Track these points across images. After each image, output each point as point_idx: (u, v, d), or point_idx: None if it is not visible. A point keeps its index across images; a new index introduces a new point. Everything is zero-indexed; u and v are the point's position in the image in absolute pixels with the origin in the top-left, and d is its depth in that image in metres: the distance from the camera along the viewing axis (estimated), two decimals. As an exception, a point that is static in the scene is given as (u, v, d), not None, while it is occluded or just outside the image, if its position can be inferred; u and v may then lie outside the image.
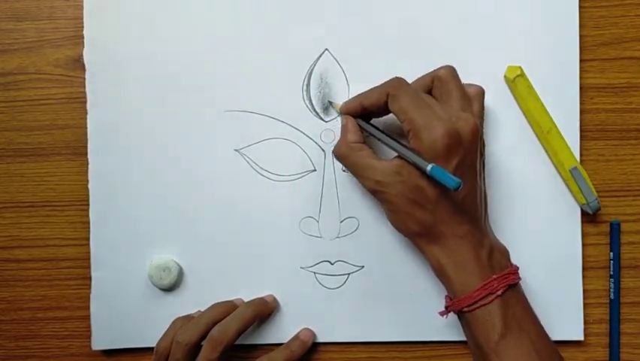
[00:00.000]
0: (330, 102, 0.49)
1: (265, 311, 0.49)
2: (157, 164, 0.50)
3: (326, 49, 0.49)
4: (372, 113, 0.46)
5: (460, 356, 0.50)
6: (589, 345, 0.50)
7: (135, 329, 0.50)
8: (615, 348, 0.49)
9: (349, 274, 0.50)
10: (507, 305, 0.42)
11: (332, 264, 0.49)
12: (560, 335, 0.48)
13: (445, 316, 0.45)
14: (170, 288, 0.50)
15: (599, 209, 0.48)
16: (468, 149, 0.42)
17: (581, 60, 0.49)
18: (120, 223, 0.50)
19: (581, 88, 0.49)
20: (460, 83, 0.44)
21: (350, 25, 0.49)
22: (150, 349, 0.48)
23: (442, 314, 0.45)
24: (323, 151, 0.49)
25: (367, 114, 0.46)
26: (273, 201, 0.49)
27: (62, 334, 0.51)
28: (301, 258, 0.50)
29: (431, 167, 0.40)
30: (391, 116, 0.44)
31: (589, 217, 0.49)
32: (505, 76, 0.49)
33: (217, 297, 0.49)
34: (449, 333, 0.49)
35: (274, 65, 0.49)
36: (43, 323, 0.51)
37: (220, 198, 0.49)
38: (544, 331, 0.43)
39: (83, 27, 0.49)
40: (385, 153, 0.48)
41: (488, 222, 0.46)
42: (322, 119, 0.49)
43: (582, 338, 0.49)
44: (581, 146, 0.49)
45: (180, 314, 0.49)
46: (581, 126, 0.49)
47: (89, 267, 0.50)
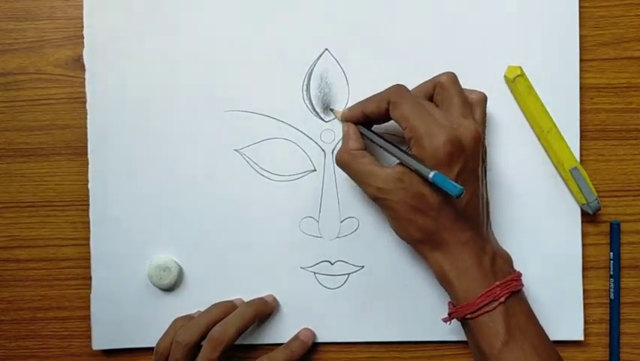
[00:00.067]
0: (331, 109, 0.49)
1: (265, 311, 0.49)
2: (157, 164, 0.50)
3: (326, 49, 0.49)
4: (373, 120, 0.46)
5: (460, 356, 0.50)
6: (589, 345, 0.50)
7: (135, 329, 0.50)
8: (615, 348, 0.49)
9: (349, 274, 0.50)
10: (510, 312, 0.42)
11: (332, 264, 0.49)
12: (560, 335, 0.49)
13: (448, 323, 0.45)
14: (170, 288, 0.50)
15: (599, 209, 0.48)
16: (469, 156, 0.42)
17: (581, 60, 0.49)
18: (120, 223, 0.50)
19: (581, 88, 0.49)
20: (462, 90, 0.44)
21: (350, 25, 0.49)
22: (150, 349, 0.48)
23: (446, 321, 0.45)
24: (323, 151, 0.49)
25: (368, 121, 0.46)
26: (273, 201, 0.49)
27: (62, 334, 0.51)
28: (301, 258, 0.50)
29: (433, 174, 0.40)
30: (392, 122, 0.44)
31: (589, 217, 0.49)
32: (505, 76, 0.49)
33: (217, 297, 0.49)
34: (449, 333, 0.49)
35: (274, 65, 0.49)
36: (43, 323, 0.51)
37: (220, 198, 0.49)
38: (546, 337, 0.43)
39: (83, 27, 0.49)
40: (387, 160, 0.48)
41: (491, 228, 0.46)
42: (322, 119, 0.49)
43: (582, 338, 0.49)
44: (581, 146, 0.49)
45: (180, 314, 0.49)
46: (581, 126, 0.49)
47: (89, 267, 0.50)
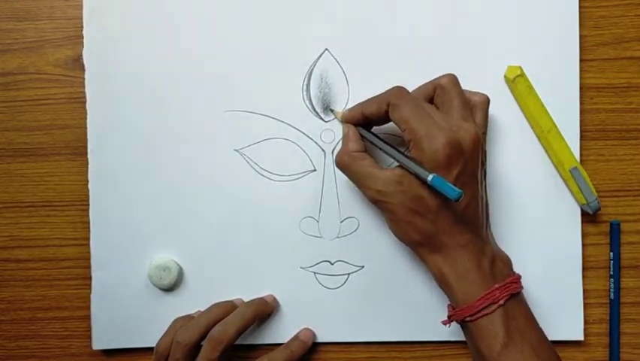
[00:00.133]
0: (331, 109, 0.49)
1: (265, 311, 0.49)
2: (157, 164, 0.50)
3: (326, 49, 0.49)
4: (372, 122, 0.46)
5: (460, 356, 0.50)
6: (589, 345, 0.50)
7: (135, 329, 0.50)
8: (615, 348, 0.49)
9: (349, 274, 0.49)
10: (509, 315, 0.42)
11: (332, 264, 0.49)
12: (560, 335, 0.49)
13: (448, 325, 0.45)
14: (170, 288, 0.50)
15: (599, 209, 0.48)
16: (469, 159, 0.42)
17: (581, 60, 0.49)
18: (120, 223, 0.50)
19: (581, 88, 0.49)
20: (462, 92, 0.44)
21: (350, 25, 0.49)
22: (150, 349, 0.48)
23: (445, 323, 0.45)
24: (323, 151, 0.49)
25: (368, 123, 0.46)
26: (273, 201, 0.49)
27: (62, 334, 0.51)
28: (301, 258, 0.50)
29: (432, 177, 0.40)
30: (392, 125, 0.44)
31: (589, 217, 0.49)
32: (505, 76, 0.49)
33: (217, 297, 0.49)
34: (449, 333, 0.49)
35: (274, 65, 0.49)
36: (43, 323, 0.51)
37: (220, 198, 0.49)
38: (546, 339, 0.43)
39: (83, 27, 0.49)
40: (386, 162, 0.48)
41: (490, 230, 0.45)
42: (322, 119, 0.49)
43: (582, 338, 0.49)
44: (581, 146, 0.49)
45: (180, 314, 0.49)
46: (581, 126, 0.49)
47: (89, 267, 0.50)
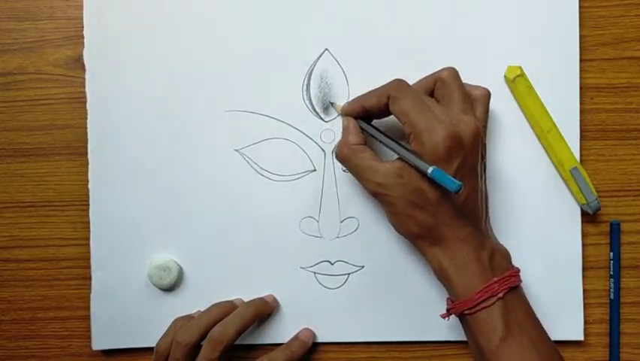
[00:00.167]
0: (331, 103, 0.49)
1: (265, 311, 0.49)
2: (157, 164, 0.50)
3: (326, 49, 0.49)
4: (373, 114, 0.46)
5: (460, 356, 0.50)
6: (589, 345, 0.50)
7: (135, 329, 0.50)
8: (615, 348, 0.49)
9: (349, 274, 0.49)
10: (508, 308, 0.42)
11: (332, 264, 0.49)
12: (560, 335, 0.48)
13: (447, 319, 0.45)
14: (170, 288, 0.50)
15: (599, 209, 0.48)
16: (469, 151, 0.42)
17: (581, 60, 0.49)
18: (120, 223, 0.50)
19: (581, 88, 0.49)
20: (462, 86, 0.44)
21: (350, 25, 0.49)
22: (150, 349, 0.48)
23: (444, 317, 0.45)
24: (323, 151, 0.49)
25: (368, 116, 0.46)
26: (273, 201, 0.49)
27: (62, 334, 0.51)
28: (301, 258, 0.50)
29: (432, 169, 0.40)
30: (392, 117, 0.44)
31: (589, 217, 0.49)
32: (505, 76, 0.49)
33: (217, 297, 0.49)
34: (449, 333, 0.49)
35: (274, 65, 0.49)
36: (43, 323, 0.51)
37: (220, 198, 0.49)
38: (545, 333, 0.43)
39: (83, 27, 0.49)
40: (386, 155, 0.48)
41: (489, 224, 0.46)
42: (322, 119, 0.49)
43: (582, 338, 0.49)
44: (581, 146, 0.49)
45: (180, 314, 0.49)
46: (581, 126, 0.49)
47: (89, 267, 0.50)
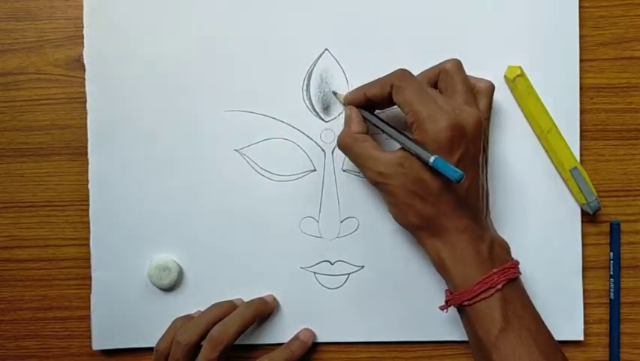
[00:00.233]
0: (334, 92, 0.49)
1: (265, 311, 0.49)
2: (157, 164, 0.50)
3: (326, 49, 0.49)
4: (375, 104, 0.46)
5: (460, 356, 0.50)
6: (589, 345, 0.50)
7: (135, 329, 0.50)
8: (615, 348, 0.49)
9: (349, 274, 0.49)
10: (507, 299, 0.42)
11: (332, 264, 0.49)
12: (560, 335, 0.48)
13: (445, 310, 0.44)
14: (170, 288, 0.50)
15: (599, 209, 0.48)
16: (471, 142, 0.42)
17: (581, 60, 0.49)
18: (120, 223, 0.50)
19: (581, 88, 0.49)
20: (466, 77, 0.44)
21: (350, 25, 0.49)
22: (150, 349, 0.48)
23: (442, 309, 0.44)
24: (323, 151, 0.49)
25: (371, 105, 0.46)
26: (273, 201, 0.49)
27: (62, 334, 0.51)
28: (301, 258, 0.50)
29: (434, 158, 0.40)
30: (395, 108, 0.44)
31: (589, 217, 0.49)
32: (505, 76, 0.49)
33: (217, 297, 0.49)
34: (449, 333, 0.49)
35: (274, 65, 0.49)
36: (43, 323, 0.51)
37: (220, 198, 0.49)
38: (544, 325, 0.43)
39: (83, 27, 0.49)
40: (389, 147, 0.48)
41: (489, 217, 0.46)
42: (322, 119, 0.49)
43: (582, 338, 0.49)
44: (581, 146, 0.49)
45: (180, 314, 0.49)
46: (581, 126, 0.49)
47: (89, 267, 0.50)
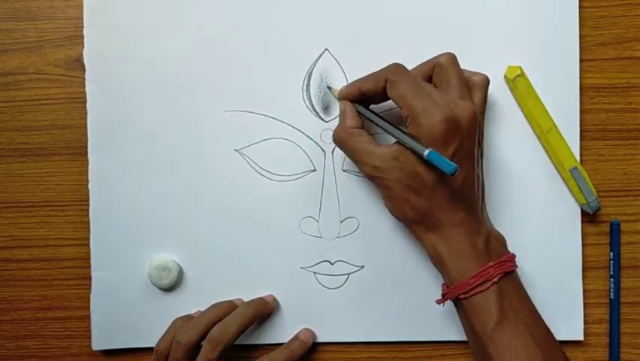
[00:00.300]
0: (328, 87, 0.49)
1: (265, 311, 0.49)
2: (157, 164, 0.50)
3: (326, 49, 0.49)
4: (370, 99, 0.46)
5: (460, 356, 0.50)
6: (589, 345, 0.50)
7: (135, 329, 0.50)
8: (615, 348, 0.49)
9: (349, 274, 0.49)
10: (503, 292, 0.42)
11: (332, 264, 0.49)
12: (560, 335, 0.48)
13: (442, 304, 0.44)
14: (170, 288, 0.50)
15: (599, 209, 0.48)
16: (466, 136, 0.42)
17: (581, 60, 0.49)
18: (120, 223, 0.50)
19: (581, 88, 0.49)
20: (461, 71, 0.44)
21: (350, 25, 0.49)
22: (150, 349, 0.48)
23: (439, 302, 0.44)
24: (323, 151, 0.49)
25: (366, 100, 0.46)
26: (273, 201, 0.49)
27: (62, 334, 0.51)
28: (301, 258, 0.50)
29: (428, 152, 0.40)
30: (390, 103, 0.44)
31: (589, 217, 0.49)
32: (505, 76, 0.49)
33: (217, 297, 0.49)
34: (449, 333, 0.49)
35: (274, 65, 0.49)
36: (43, 323, 0.51)
37: (220, 198, 0.49)
38: (541, 319, 0.43)
39: (83, 27, 0.49)
40: (384, 141, 0.48)
41: (485, 210, 0.46)
42: (322, 119, 0.49)
43: (582, 338, 0.49)
44: (581, 146, 0.49)
45: (180, 314, 0.49)
46: (581, 126, 0.49)
47: (89, 267, 0.50)
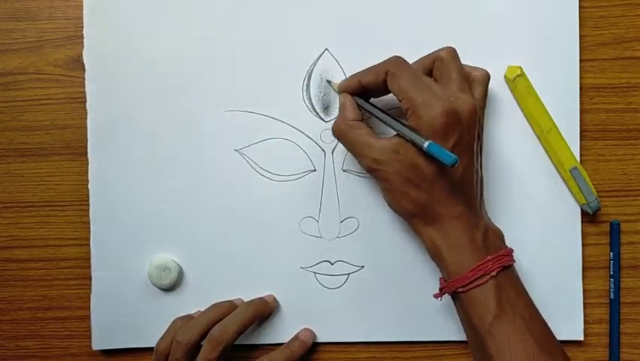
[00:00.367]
0: (328, 81, 0.49)
1: (265, 311, 0.49)
2: (157, 164, 0.50)
3: (326, 49, 0.49)
4: (370, 92, 0.46)
5: (460, 356, 0.50)
6: (589, 345, 0.50)
7: (135, 329, 0.50)
8: (615, 348, 0.49)
9: (349, 274, 0.49)
10: (501, 287, 0.42)
11: (332, 264, 0.49)
12: (560, 335, 0.48)
13: (440, 298, 0.45)
14: (170, 288, 0.50)
15: (599, 209, 0.48)
16: (465, 129, 0.42)
17: (581, 60, 0.49)
18: (120, 223, 0.50)
19: (581, 88, 0.49)
20: (461, 65, 0.44)
21: (350, 25, 0.49)
22: (150, 349, 0.48)
23: (437, 296, 0.44)
24: (323, 151, 0.49)
25: (366, 93, 0.46)
26: (273, 201, 0.49)
27: (62, 334, 0.51)
28: (301, 258, 0.50)
29: (428, 144, 0.40)
30: (390, 96, 0.44)
31: (589, 217, 0.49)
32: (505, 76, 0.49)
33: (217, 297, 0.49)
34: (449, 333, 0.49)
35: (274, 65, 0.49)
36: (43, 323, 0.51)
37: (220, 198, 0.49)
38: (538, 313, 0.43)
39: (83, 27, 0.49)
40: (384, 133, 0.48)
41: (484, 205, 0.46)
42: (322, 119, 0.49)
43: (582, 338, 0.49)
44: (581, 146, 0.49)
45: (180, 314, 0.49)
46: (581, 126, 0.49)
47: (89, 267, 0.50)
